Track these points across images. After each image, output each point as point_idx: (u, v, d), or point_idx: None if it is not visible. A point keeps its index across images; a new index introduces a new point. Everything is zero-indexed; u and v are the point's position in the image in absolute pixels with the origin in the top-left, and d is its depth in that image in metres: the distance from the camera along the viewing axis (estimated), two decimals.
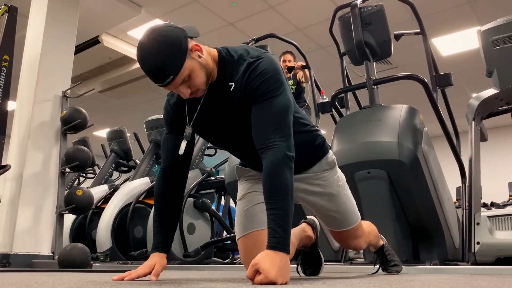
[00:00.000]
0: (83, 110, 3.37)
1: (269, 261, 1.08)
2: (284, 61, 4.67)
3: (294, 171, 1.23)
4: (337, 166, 1.60)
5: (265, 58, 1.30)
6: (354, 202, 1.63)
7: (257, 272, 1.08)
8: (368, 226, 1.79)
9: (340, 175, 1.61)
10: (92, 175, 5.99)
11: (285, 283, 1.08)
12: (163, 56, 1.20)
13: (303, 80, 4.45)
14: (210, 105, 1.38)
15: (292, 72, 4.53)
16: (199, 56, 1.27)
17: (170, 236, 1.44)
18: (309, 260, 1.75)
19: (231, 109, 1.34)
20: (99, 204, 4.43)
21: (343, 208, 1.57)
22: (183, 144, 1.38)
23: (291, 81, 4.67)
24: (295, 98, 4.56)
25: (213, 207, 4.03)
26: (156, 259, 1.36)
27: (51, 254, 3.19)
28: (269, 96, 1.26)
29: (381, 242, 1.91)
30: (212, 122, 1.41)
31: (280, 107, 1.26)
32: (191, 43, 1.26)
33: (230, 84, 1.32)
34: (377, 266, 1.93)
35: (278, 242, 1.12)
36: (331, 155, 1.57)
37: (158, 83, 1.24)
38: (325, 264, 1.77)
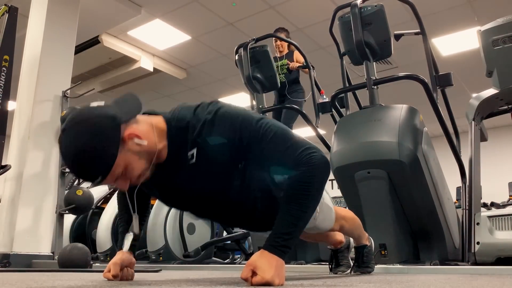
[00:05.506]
0: None
1: (265, 261, 1.07)
2: (276, 41, 4.75)
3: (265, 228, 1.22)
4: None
5: (220, 106, 1.19)
6: (329, 210, 1.53)
7: (253, 272, 1.07)
8: (349, 218, 1.75)
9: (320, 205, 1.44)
10: None
11: (281, 284, 1.08)
12: (86, 156, 1.03)
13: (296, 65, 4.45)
14: (172, 179, 1.26)
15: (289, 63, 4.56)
16: (138, 144, 1.10)
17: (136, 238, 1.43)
18: (334, 259, 1.95)
19: (198, 175, 1.22)
20: (99, 204, 4.44)
21: (316, 225, 1.50)
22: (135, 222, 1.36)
23: (285, 61, 4.65)
24: (290, 81, 4.59)
25: None
26: (126, 256, 1.35)
27: (51, 254, 3.19)
28: (259, 135, 1.16)
29: (366, 242, 1.91)
30: (180, 193, 1.31)
31: (278, 134, 1.17)
32: (127, 131, 1.08)
33: (189, 154, 1.19)
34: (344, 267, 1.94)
35: (277, 247, 1.10)
36: None
37: (88, 181, 1.12)
38: (325, 264, 1.77)
